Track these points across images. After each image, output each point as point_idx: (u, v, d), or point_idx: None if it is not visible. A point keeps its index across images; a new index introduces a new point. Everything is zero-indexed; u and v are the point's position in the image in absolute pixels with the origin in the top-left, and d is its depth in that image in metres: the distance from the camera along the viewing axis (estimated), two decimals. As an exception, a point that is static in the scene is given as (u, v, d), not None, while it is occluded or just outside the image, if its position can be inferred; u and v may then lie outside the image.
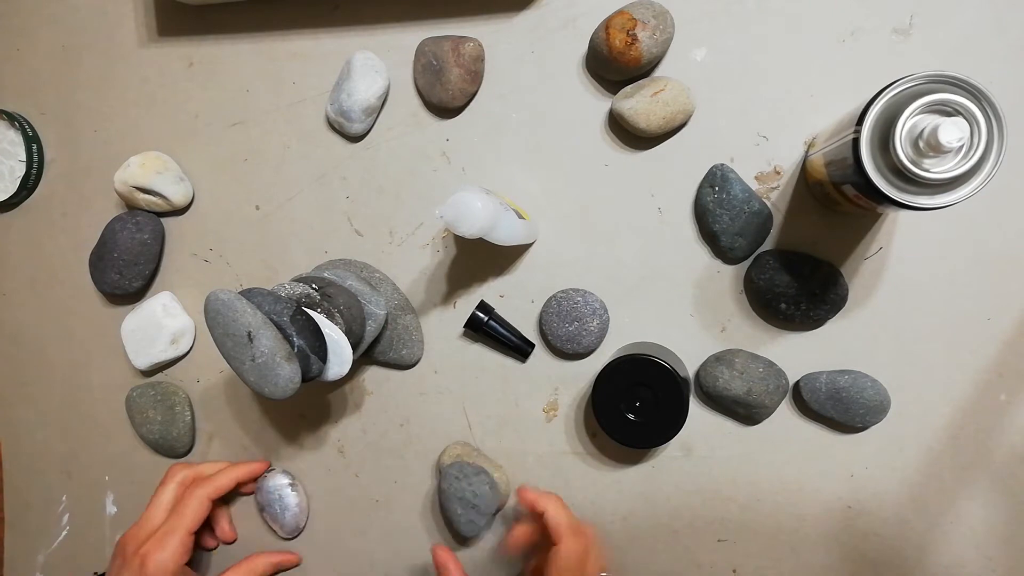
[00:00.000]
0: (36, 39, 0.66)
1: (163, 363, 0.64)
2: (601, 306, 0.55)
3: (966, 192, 0.37)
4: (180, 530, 0.54)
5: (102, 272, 0.62)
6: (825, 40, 0.51)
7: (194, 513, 0.55)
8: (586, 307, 0.54)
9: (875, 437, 0.53)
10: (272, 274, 0.62)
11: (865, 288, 0.52)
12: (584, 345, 0.55)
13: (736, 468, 0.55)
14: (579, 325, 0.54)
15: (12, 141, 0.66)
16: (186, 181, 0.63)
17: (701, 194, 0.53)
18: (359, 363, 0.61)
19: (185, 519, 0.55)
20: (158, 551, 0.53)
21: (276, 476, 0.61)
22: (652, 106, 0.51)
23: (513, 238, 0.49)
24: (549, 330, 0.55)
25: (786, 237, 0.53)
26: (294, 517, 0.61)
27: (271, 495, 0.61)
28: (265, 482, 0.61)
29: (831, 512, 0.54)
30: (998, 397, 0.51)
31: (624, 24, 0.50)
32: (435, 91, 0.56)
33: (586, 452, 0.57)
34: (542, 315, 0.56)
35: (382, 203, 0.60)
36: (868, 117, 0.38)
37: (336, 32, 0.59)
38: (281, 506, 0.61)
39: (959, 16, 0.49)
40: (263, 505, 0.62)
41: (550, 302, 0.55)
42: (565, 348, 0.55)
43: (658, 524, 0.56)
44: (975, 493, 0.52)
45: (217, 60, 0.62)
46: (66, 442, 0.68)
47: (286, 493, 0.61)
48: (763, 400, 0.52)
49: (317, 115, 0.60)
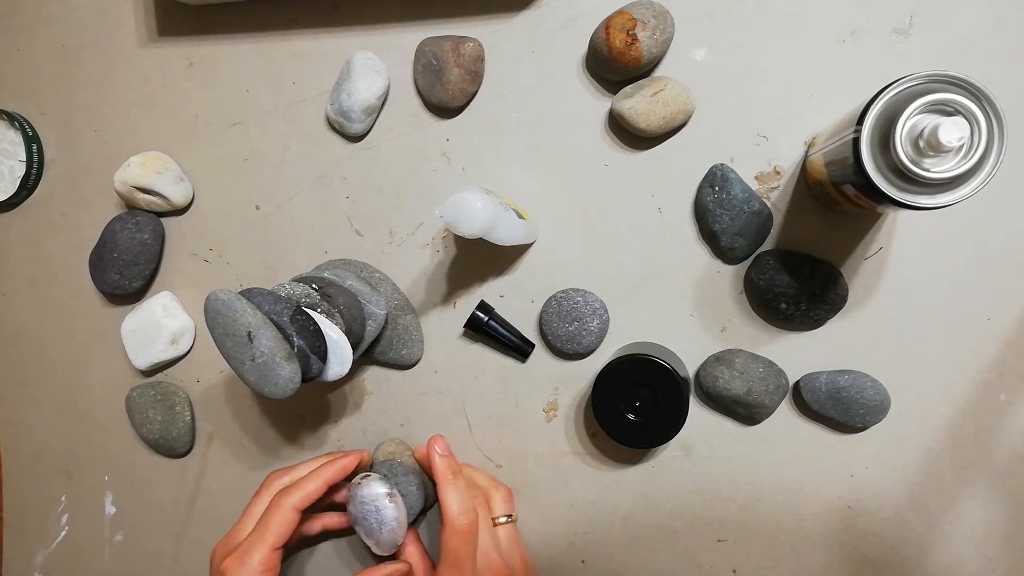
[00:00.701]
0: (36, 39, 0.66)
1: (163, 363, 0.64)
2: (601, 306, 0.55)
3: (966, 192, 0.37)
4: (263, 545, 0.49)
5: (102, 272, 0.62)
6: (825, 40, 0.51)
7: (278, 527, 0.50)
8: (586, 307, 0.54)
9: (875, 437, 0.53)
10: (272, 274, 0.62)
11: (865, 288, 0.52)
12: (584, 345, 0.55)
13: (736, 468, 0.55)
14: (579, 325, 0.54)
15: (12, 141, 0.66)
16: (186, 181, 0.63)
17: (701, 194, 0.53)
18: (359, 363, 0.61)
19: (268, 533, 0.49)
20: (238, 567, 0.49)
21: (372, 484, 0.53)
22: (652, 106, 0.51)
23: (513, 238, 0.49)
24: (549, 330, 0.55)
25: (786, 237, 0.53)
26: (392, 532, 0.53)
27: (366, 507, 0.52)
28: (359, 491, 0.53)
29: (831, 512, 0.54)
30: (998, 397, 0.51)
31: (624, 24, 0.50)
32: (435, 91, 0.56)
33: (586, 452, 0.57)
34: (542, 315, 0.56)
35: (382, 203, 0.60)
36: (868, 117, 0.38)
37: (336, 32, 0.59)
38: (378, 520, 0.52)
39: (959, 16, 0.49)
40: (356, 518, 0.53)
41: (550, 302, 0.55)
42: (565, 348, 0.55)
43: (658, 524, 0.56)
44: (975, 493, 0.52)
45: (217, 60, 0.62)
46: (66, 442, 0.68)
47: (383, 505, 0.52)
48: (763, 400, 0.52)
49: (317, 115, 0.60)
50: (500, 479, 0.58)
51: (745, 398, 0.52)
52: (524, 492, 0.58)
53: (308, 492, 0.52)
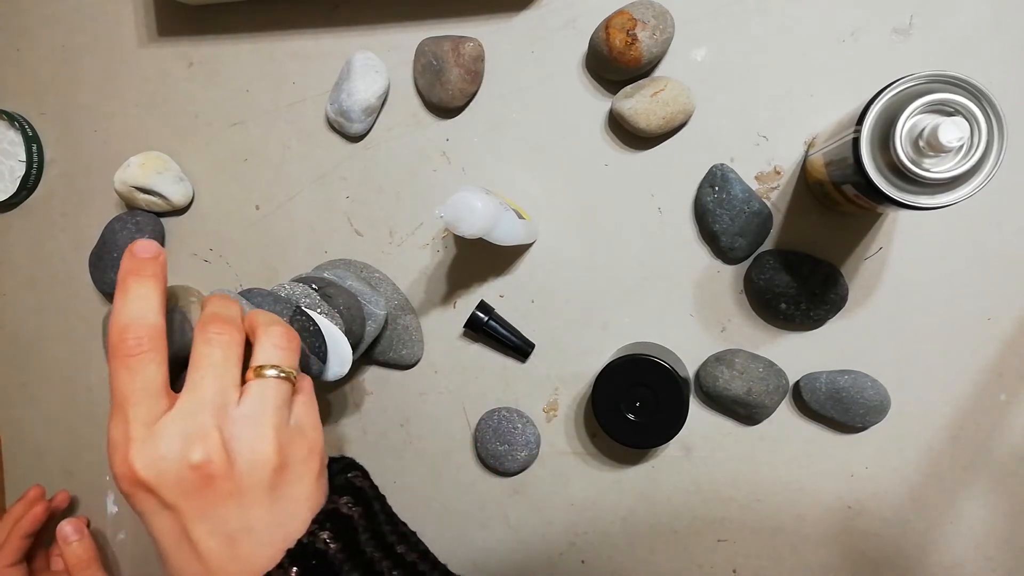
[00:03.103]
0: (36, 39, 0.66)
1: (163, 363, 0.64)
2: (536, 439, 0.57)
3: (966, 192, 0.37)
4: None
5: (102, 272, 0.62)
6: (825, 40, 0.51)
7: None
8: (521, 435, 0.57)
9: (875, 437, 0.53)
10: (272, 274, 0.62)
11: (865, 288, 0.52)
12: (506, 468, 0.57)
13: (736, 468, 0.55)
14: (508, 448, 0.57)
15: (12, 141, 0.66)
16: (186, 181, 0.63)
17: (701, 194, 0.53)
18: (359, 363, 0.61)
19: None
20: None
21: None
22: (652, 106, 0.51)
23: (513, 238, 0.49)
24: (481, 444, 0.58)
25: (786, 237, 0.53)
26: None
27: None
28: None
29: (831, 512, 0.54)
30: (998, 397, 0.51)
31: (624, 24, 0.50)
32: (435, 91, 0.56)
33: (586, 452, 0.57)
34: (479, 425, 0.58)
35: (382, 203, 0.60)
36: (868, 117, 0.38)
37: (336, 32, 0.59)
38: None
39: (959, 16, 0.49)
40: None
41: (491, 415, 0.58)
42: (488, 462, 0.58)
43: (658, 524, 0.56)
44: (975, 493, 0.52)
45: (217, 60, 0.62)
46: (66, 442, 0.68)
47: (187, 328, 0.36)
48: (763, 400, 0.52)
49: (317, 115, 0.60)
50: (500, 479, 0.58)
51: (745, 398, 0.52)
52: (524, 492, 0.58)
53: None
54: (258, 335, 0.34)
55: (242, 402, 0.32)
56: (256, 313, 0.36)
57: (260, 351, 0.34)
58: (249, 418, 0.32)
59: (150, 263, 0.32)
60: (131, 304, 0.31)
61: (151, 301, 0.32)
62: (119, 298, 0.31)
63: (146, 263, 0.32)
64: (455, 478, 0.60)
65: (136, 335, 0.31)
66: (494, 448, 0.57)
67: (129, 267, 0.32)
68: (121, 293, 0.31)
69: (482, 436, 0.57)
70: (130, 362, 0.30)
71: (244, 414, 0.32)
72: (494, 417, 0.57)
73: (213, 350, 0.32)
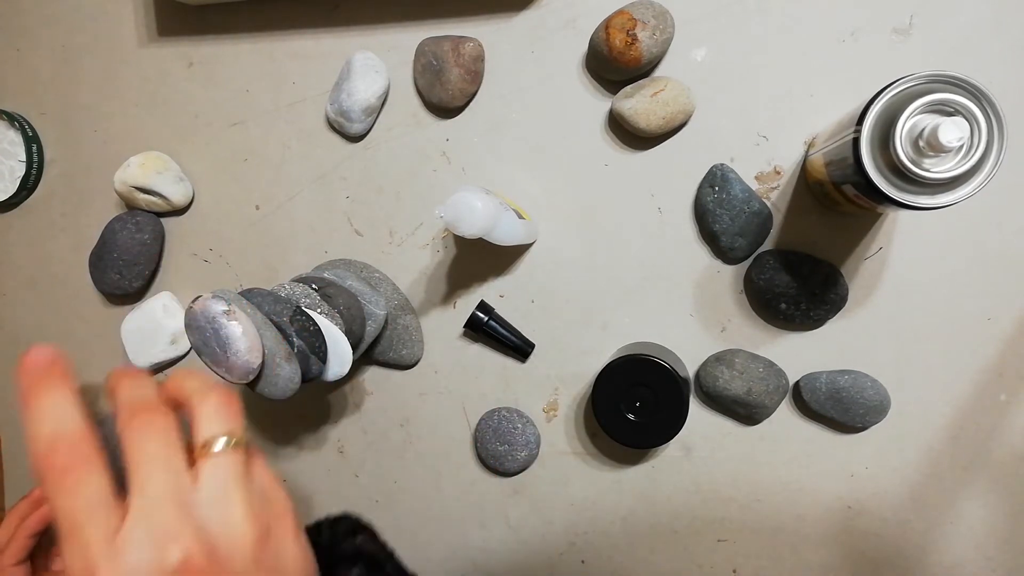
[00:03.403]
0: (36, 39, 0.66)
1: (163, 363, 0.64)
2: (536, 439, 0.57)
3: (966, 192, 0.37)
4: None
5: (102, 272, 0.62)
6: (825, 40, 0.51)
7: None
8: (521, 435, 0.57)
9: (875, 437, 0.53)
10: (272, 274, 0.62)
11: (865, 288, 0.52)
12: (506, 468, 0.58)
13: (736, 468, 0.55)
14: (508, 448, 0.57)
15: (12, 141, 0.66)
16: (186, 181, 0.63)
17: (701, 194, 0.53)
18: (359, 363, 0.61)
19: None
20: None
21: (208, 303, 0.44)
22: (652, 106, 0.51)
23: (513, 238, 0.49)
24: (481, 444, 0.58)
25: (786, 237, 0.53)
26: (240, 355, 0.43)
27: (205, 332, 0.44)
28: (194, 314, 0.44)
29: (831, 512, 0.54)
30: (998, 397, 0.51)
31: (624, 24, 0.50)
32: (435, 91, 0.56)
33: (586, 452, 0.57)
34: (479, 426, 0.58)
35: (382, 203, 0.60)
36: (868, 117, 0.38)
37: (336, 32, 0.59)
38: (220, 343, 0.43)
39: (959, 16, 0.49)
40: (198, 346, 0.45)
41: (491, 416, 0.58)
42: (488, 463, 0.58)
43: (658, 524, 0.56)
44: (975, 493, 0.52)
45: (217, 60, 0.62)
46: (66, 442, 0.68)
47: (222, 324, 0.43)
48: (763, 400, 0.52)
49: (317, 115, 0.60)
50: (500, 479, 0.58)
51: (745, 398, 0.52)
52: (524, 492, 0.58)
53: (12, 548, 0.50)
54: (193, 406, 0.31)
55: (200, 485, 0.28)
56: (177, 379, 0.32)
57: (202, 424, 0.30)
58: (214, 500, 0.28)
59: (49, 369, 0.29)
60: (46, 419, 0.28)
61: (65, 408, 0.28)
62: (30, 419, 0.28)
63: (45, 371, 0.29)
64: (455, 478, 0.60)
65: (64, 451, 0.27)
66: (494, 448, 0.57)
67: (29, 382, 0.29)
68: (32, 412, 0.28)
69: (482, 436, 0.57)
70: (66, 482, 0.27)
71: (208, 498, 0.28)
72: (494, 417, 0.57)
73: (147, 443, 0.28)
